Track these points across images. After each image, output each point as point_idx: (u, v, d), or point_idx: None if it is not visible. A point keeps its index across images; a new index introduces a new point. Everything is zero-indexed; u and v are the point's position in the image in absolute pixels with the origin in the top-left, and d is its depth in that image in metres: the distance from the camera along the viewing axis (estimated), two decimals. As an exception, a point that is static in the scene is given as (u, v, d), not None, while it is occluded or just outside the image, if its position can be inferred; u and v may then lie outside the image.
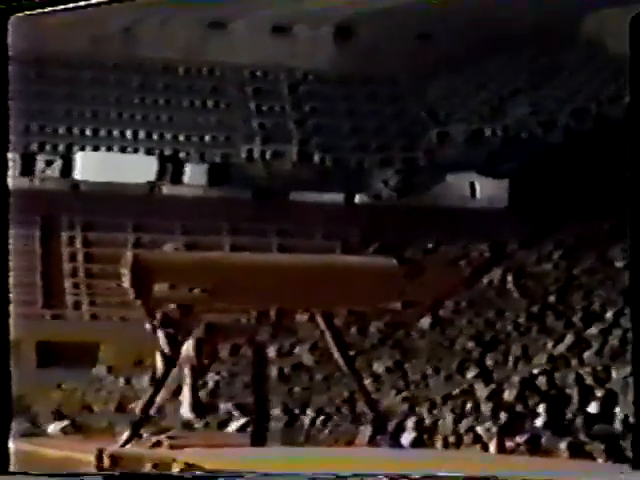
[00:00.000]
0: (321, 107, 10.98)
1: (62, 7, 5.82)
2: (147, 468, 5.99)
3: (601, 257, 9.45)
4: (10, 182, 5.78)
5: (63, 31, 11.27)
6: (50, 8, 5.83)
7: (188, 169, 10.77)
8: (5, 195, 5.77)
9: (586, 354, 8.47)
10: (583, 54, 10.80)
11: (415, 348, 8.91)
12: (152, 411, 7.61)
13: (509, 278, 9.47)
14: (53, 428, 8.07)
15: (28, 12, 5.66)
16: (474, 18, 11.11)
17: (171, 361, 8.09)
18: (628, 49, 11.62)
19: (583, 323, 8.81)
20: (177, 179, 10.66)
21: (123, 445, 6.51)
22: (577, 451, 7.15)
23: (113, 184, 10.54)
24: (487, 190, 10.15)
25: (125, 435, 6.49)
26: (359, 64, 11.10)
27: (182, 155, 10.89)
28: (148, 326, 7.68)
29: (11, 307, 5.85)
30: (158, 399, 7.63)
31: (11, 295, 5.84)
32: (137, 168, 10.76)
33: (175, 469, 5.84)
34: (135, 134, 11.10)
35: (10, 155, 5.83)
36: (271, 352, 9.07)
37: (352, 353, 8.37)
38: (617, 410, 7.86)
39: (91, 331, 9.65)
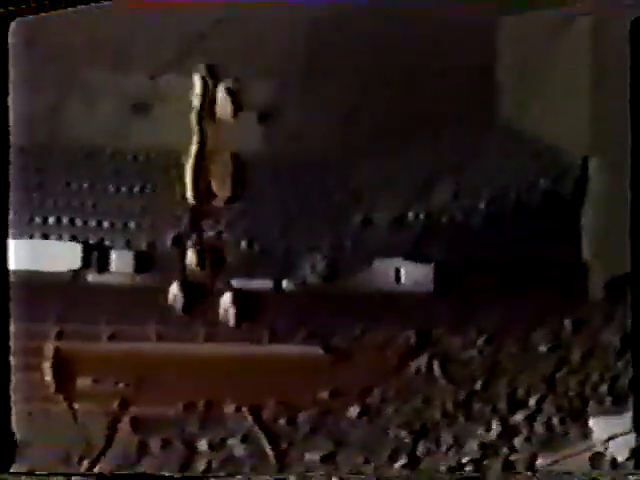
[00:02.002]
0: (247, 192, 11.01)
1: (62, 11, 5.81)
2: None
3: (523, 342, 9.59)
4: None
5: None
6: (52, 12, 5.80)
7: (114, 256, 10.66)
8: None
9: (512, 441, 8.54)
10: (501, 138, 11.07)
11: (345, 438, 8.87)
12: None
13: (435, 365, 9.54)
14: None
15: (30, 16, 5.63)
16: (394, 101, 11.33)
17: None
18: (543, 134, 11.99)
19: (508, 410, 8.89)
20: (103, 267, 10.54)
21: None
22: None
23: (36, 272, 10.37)
24: (412, 275, 10.25)
25: None
26: (284, 148, 11.20)
27: (107, 242, 10.78)
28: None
29: None
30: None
31: None
32: (61, 256, 10.61)
33: None
34: (58, 220, 10.97)
35: None
36: (200, 445, 8.97)
37: (284, 446, 8.33)
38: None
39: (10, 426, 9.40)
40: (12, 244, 11.11)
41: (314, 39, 11.99)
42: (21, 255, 10.76)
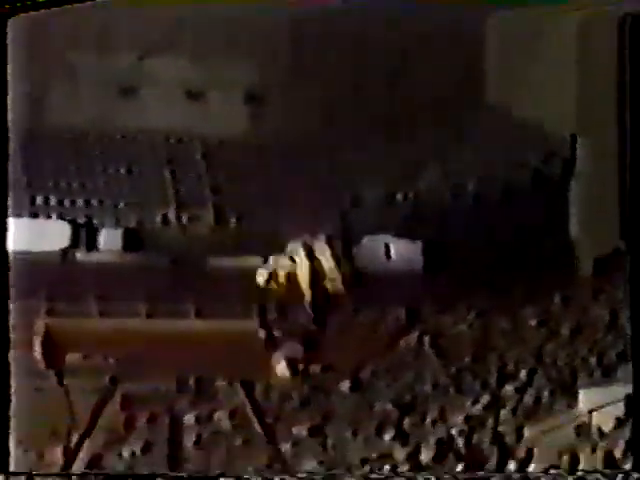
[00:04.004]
0: (236, 173, 11.03)
1: (61, 8, 5.83)
2: None
3: (514, 317, 9.65)
4: None
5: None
6: (54, 8, 5.81)
7: (102, 234, 10.65)
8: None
9: (502, 413, 8.60)
10: (488, 120, 11.15)
11: (335, 412, 8.90)
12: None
13: (426, 340, 9.59)
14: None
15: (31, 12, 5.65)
16: (381, 83, 11.39)
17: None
18: (531, 115, 12.01)
19: (498, 383, 8.97)
20: (91, 245, 10.53)
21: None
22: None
23: (24, 252, 10.32)
24: (402, 252, 10.31)
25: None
26: (272, 130, 11.23)
27: (96, 221, 10.76)
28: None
29: None
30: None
31: None
32: (49, 235, 10.59)
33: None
34: (47, 200, 10.95)
35: None
36: (189, 420, 8.97)
37: (270, 420, 8.34)
38: (532, 466, 8.01)
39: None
40: None
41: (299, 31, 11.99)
42: (10, 234, 10.71)
